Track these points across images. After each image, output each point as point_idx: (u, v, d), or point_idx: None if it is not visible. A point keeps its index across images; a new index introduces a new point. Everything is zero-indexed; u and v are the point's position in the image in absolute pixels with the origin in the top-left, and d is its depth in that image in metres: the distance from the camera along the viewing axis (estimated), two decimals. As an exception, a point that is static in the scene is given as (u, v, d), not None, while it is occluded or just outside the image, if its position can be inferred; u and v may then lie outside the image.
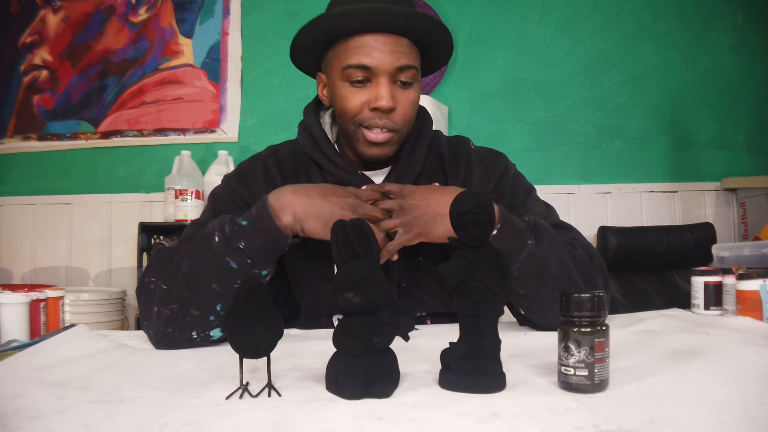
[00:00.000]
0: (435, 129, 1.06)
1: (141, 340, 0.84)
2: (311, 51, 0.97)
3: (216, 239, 0.80)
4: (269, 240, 0.81)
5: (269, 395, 0.53)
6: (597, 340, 0.51)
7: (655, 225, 2.26)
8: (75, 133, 2.58)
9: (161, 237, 2.22)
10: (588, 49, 2.49)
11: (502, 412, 0.47)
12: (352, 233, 0.56)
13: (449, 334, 0.58)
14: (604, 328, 0.52)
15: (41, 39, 2.62)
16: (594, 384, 0.51)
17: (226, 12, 2.56)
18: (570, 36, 2.50)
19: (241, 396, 0.52)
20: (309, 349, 0.74)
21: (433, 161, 1.03)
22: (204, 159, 2.47)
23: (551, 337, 0.60)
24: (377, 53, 0.89)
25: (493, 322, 0.54)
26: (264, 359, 0.54)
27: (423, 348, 0.71)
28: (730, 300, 0.96)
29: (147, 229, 2.25)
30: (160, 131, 2.55)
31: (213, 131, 2.53)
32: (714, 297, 0.99)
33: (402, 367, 0.56)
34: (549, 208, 1.02)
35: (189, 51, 2.57)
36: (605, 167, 2.47)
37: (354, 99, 0.92)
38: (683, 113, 2.47)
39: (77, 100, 2.59)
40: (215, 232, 0.81)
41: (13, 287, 1.21)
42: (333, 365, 0.53)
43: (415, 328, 0.78)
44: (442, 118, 2.22)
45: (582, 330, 0.51)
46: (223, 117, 2.53)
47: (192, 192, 2.21)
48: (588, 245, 0.94)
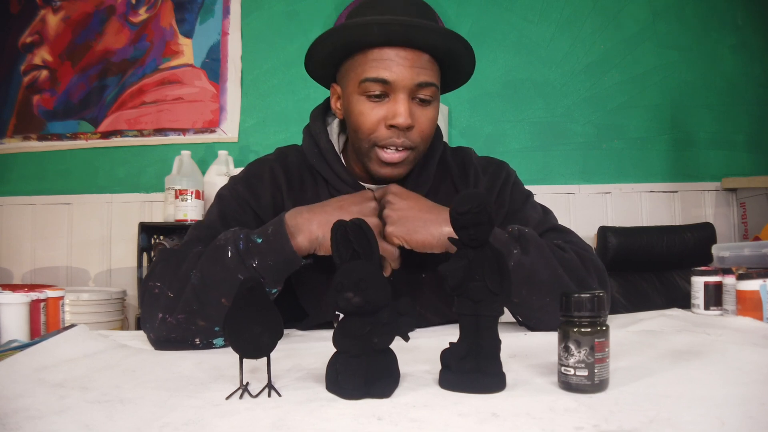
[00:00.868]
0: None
1: (141, 340, 0.84)
2: (328, 61, 0.93)
3: (229, 254, 0.78)
4: (283, 260, 0.79)
5: (269, 395, 0.53)
6: (597, 340, 0.51)
7: (655, 225, 2.25)
8: (75, 133, 2.58)
9: (161, 237, 2.22)
10: (588, 49, 2.49)
11: (502, 412, 0.47)
12: (352, 233, 0.56)
13: (449, 334, 0.58)
14: (604, 328, 0.52)
15: (41, 39, 2.62)
16: (594, 384, 0.51)
17: (226, 12, 2.56)
18: (570, 36, 2.50)
19: (241, 396, 0.52)
20: (309, 350, 0.74)
21: (442, 177, 1.02)
22: (204, 159, 2.47)
23: (551, 337, 0.60)
24: (397, 67, 0.85)
25: (493, 322, 0.54)
26: (264, 359, 0.54)
27: (423, 348, 0.71)
28: (730, 300, 0.96)
29: (147, 229, 2.26)
30: (160, 131, 2.55)
31: (213, 131, 2.53)
32: (714, 297, 0.99)
33: (402, 367, 0.56)
34: (547, 212, 1.01)
35: (189, 51, 2.57)
36: (605, 167, 2.47)
37: (370, 115, 0.88)
38: (683, 113, 2.47)
39: (77, 100, 2.59)
40: (228, 246, 0.79)
41: (13, 287, 1.20)
42: (333, 365, 0.53)
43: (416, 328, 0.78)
44: (442, 118, 2.21)
45: (582, 330, 0.51)
46: (223, 117, 2.53)
47: (192, 192, 2.21)
48: (585, 247, 0.93)
